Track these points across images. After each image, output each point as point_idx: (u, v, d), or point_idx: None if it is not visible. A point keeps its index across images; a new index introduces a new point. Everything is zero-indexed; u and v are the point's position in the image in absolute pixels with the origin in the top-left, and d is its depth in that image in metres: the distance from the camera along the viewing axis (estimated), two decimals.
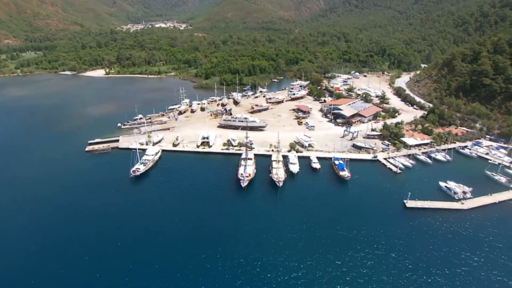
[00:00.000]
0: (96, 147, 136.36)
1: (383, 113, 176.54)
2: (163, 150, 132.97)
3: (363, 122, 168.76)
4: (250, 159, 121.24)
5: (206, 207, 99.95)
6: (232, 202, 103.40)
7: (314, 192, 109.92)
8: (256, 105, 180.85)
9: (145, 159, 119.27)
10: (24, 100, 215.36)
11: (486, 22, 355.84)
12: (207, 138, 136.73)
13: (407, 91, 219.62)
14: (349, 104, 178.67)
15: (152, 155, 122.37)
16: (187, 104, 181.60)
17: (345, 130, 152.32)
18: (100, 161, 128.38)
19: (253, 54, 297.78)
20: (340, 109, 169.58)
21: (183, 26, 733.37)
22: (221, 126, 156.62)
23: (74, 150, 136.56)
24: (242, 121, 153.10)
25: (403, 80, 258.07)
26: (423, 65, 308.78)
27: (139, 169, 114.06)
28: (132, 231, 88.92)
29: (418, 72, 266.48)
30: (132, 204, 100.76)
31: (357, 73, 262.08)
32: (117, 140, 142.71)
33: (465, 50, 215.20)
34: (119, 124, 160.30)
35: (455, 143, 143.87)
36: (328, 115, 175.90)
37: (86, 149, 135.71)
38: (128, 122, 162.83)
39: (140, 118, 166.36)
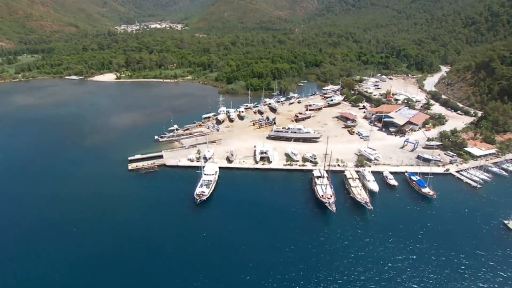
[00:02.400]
0: (139, 164, 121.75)
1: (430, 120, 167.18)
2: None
3: (414, 131, 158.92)
4: (324, 177, 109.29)
5: (292, 237, 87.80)
6: (321, 230, 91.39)
7: (402, 213, 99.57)
8: (300, 113, 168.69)
9: (207, 180, 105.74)
10: (36, 110, 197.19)
11: (499, 21, 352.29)
12: (266, 152, 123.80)
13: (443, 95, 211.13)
14: (397, 111, 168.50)
15: (213, 174, 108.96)
16: (224, 112, 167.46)
17: (405, 141, 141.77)
18: (149, 182, 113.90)
19: (272, 56, 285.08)
20: (391, 117, 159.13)
21: (179, 26, 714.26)
22: (270, 138, 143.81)
23: (115, 169, 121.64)
24: (295, 132, 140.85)
25: (428, 83, 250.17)
26: (441, 67, 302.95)
27: (204, 192, 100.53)
28: (218, 270, 75.79)
29: (444, 73, 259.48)
30: (207, 236, 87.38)
31: (383, 76, 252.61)
32: (161, 156, 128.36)
33: (502, 51, 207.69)
34: (156, 137, 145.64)
35: None
36: (376, 122, 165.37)
37: (129, 167, 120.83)
38: (165, 134, 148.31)
39: (177, 129, 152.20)
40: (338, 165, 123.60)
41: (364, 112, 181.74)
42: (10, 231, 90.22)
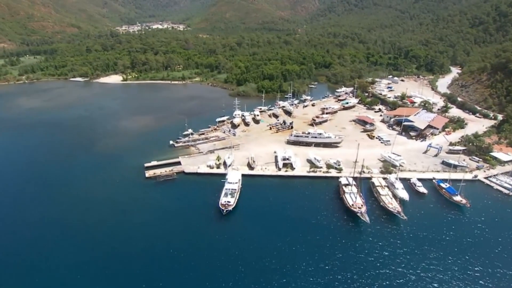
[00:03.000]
0: (157, 172, 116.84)
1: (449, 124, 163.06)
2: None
3: (435, 135, 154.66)
4: (352, 185, 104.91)
5: (325, 249, 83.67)
6: (354, 241, 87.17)
7: (436, 223, 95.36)
8: (317, 117, 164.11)
9: (231, 189, 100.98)
10: (43, 114, 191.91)
11: (507, 21, 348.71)
12: (288, 158, 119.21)
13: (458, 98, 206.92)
14: (415, 115, 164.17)
15: (236, 182, 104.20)
16: (239, 116, 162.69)
17: (428, 145, 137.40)
18: (169, 190, 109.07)
19: (281, 57, 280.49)
20: (412, 121, 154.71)
21: (181, 27, 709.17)
22: (290, 143, 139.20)
23: (131, 176, 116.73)
24: (316, 137, 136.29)
25: (441, 84, 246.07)
26: (451, 68, 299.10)
27: (229, 202, 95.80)
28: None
29: (456, 75, 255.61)
30: (236, 250, 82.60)
31: (395, 78, 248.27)
32: (179, 163, 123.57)
33: None
34: (171, 142, 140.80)
35: None
36: (395, 126, 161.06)
37: (146, 174, 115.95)
38: (180, 138, 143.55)
39: (192, 134, 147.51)
40: (363, 172, 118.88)
41: (381, 115, 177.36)
42: (25, 240, 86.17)
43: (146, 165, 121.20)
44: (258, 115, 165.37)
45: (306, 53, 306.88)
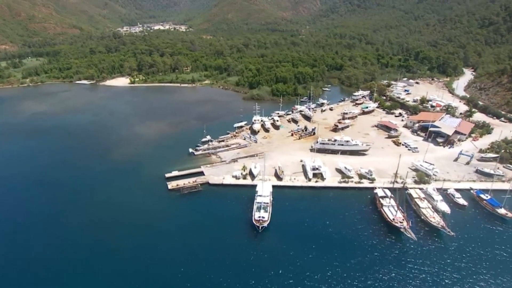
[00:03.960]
0: (180, 183, 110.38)
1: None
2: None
3: (462, 141, 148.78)
4: (390, 197, 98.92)
5: (370, 268, 77.95)
6: (399, 259, 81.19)
7: (485, 240, 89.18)
8: (340, 122, 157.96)
9: (263, 202, 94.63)
10: (51, 119, 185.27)
11: None
12: (318, 168, 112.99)
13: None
14: (440, 120, 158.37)
15: (267, 195, 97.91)
16: (259, 122, 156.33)
17: (459, 153, 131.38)
18: (194, 204, 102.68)
19: (292, 59, 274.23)
20: (438, 126, 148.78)
21: (183, 28, 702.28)
22: (315, 150, 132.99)
23: (153, 188, 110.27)
24: (343, 144, 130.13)
25: (457, 87, 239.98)
26: (464, 69, 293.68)
27: (263, 217, 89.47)
28: None
29: (471, 77, 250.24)
30: (279, 271, 76.34)
31: (411, 81, 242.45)
32: (202, 173, 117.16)
33: None
34: (190, 150, 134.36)
35: None
36: (419, 132, 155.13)
37: (169, 186, 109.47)
38: (199, 146, 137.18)
39: (210, 141, 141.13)
40: (396, 182, 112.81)
41: (403, 120, 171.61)
42: (44, 254, 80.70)
43: (167, 175, 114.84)
44: (278, 121, 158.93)
45: (317, 55, 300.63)
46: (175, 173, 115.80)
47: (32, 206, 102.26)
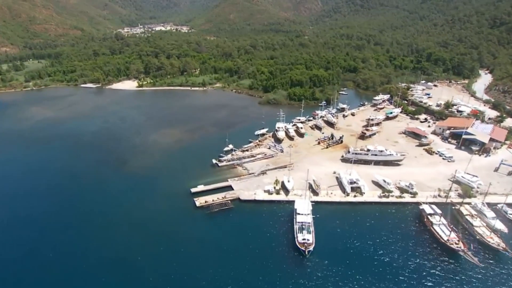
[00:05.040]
0: (209, 199, 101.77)
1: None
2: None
3: (498, 148, 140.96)
4: (439, 214, 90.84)
5: None
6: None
7: None
8: (367, 129, 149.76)
9: (305, 222, 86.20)
10: (58, 125, 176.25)
11: None
12: (356, 182, 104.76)
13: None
14: (472, 126, 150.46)
15: (308, 214, 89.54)
16: (283, 129, 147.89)
17: (501, 162, 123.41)
18: (227, 223, 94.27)
19: (305, 61, 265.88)
20: (473, 134, 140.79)
21: (184, 28, 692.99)
22: (345, 160, 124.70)
23: (178, 205, 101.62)
24: (377, 155, 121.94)
25: (477, 90, 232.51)
26: (481, 71, 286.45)
27: (308, 240, 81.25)
28: None
29: (490, 79, 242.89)
30: None
31: (429, 83, 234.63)
32: (230, 187, 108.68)
33: None
34: (214, 161, 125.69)
35: None
36: (450, 139, 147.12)
37: (197, 203, 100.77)
38: (222, 156, 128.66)
39: (233, 150, 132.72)
40: (440, 196, 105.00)
41: (430, 126, 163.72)
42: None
43: (192, 190, 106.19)
44: (301, 128, 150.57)
45: (328, 57, 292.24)
46: (201, 187, 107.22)
47: (43, 227, 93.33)
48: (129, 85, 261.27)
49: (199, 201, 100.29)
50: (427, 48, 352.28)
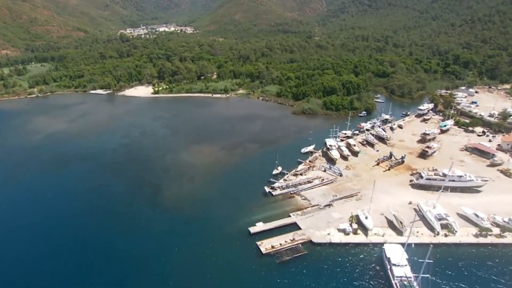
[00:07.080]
0: (275, 243, 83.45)
1: None
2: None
3: None
4: None
5: None
6: None
7: None
8: (429, 147, 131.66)
9: (405, 277, 68.38)
10: (70, 142, 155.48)
11: None
12: (446, 217, 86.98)
13: None
14: None
15: (406, 264, 71.90)
16: (336, 147, 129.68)
17: None
18: (304, 277, 76.02)
19: (332, 66, 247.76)
20: None
21: (189, 29, 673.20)
22: (416, 187, 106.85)
23: (239, 251, 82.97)
24: (455, 180, 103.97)
25: None
26: None
27: None
28: None
29: None
30: None
31: (471, 90, 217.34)
32: (295, 225, 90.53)
33: None
34: (267, 189, 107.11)
35: None
36: None
37: (262, 249, 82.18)
38: (273, 182, 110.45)
39: (283, 173, 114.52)
40: None
41: (490, 141, 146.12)
42: None
43: (251, 230, 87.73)
44: (354, 145, 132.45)
45: (353, 60, 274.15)
46: (260, 225, 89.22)
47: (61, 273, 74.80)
48: (143, 91, 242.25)
49: (264, 246, 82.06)
50: (450, 50, 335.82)
